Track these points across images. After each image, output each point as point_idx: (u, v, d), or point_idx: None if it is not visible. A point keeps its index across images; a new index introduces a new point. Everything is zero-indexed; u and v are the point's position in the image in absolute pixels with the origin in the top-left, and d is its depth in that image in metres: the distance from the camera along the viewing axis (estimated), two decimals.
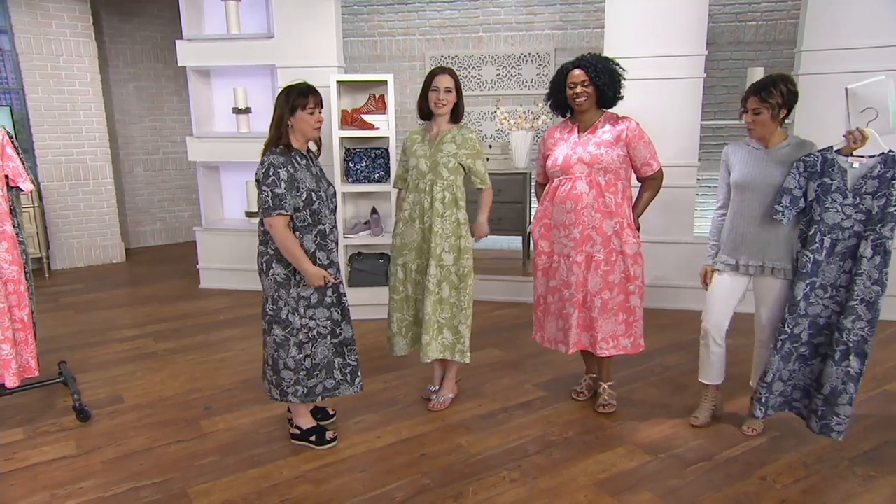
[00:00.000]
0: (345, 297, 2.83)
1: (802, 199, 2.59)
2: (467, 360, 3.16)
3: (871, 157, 2.46)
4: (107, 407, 3.29)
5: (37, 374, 3.04)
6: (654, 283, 4.64)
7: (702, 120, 4.60)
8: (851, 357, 2.52)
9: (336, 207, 2.82)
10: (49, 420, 3.14)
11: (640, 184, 3.04)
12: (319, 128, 2.68)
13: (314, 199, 2.62)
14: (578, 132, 2.96)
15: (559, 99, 3.00)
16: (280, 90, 2.69)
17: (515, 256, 5.67)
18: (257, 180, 2.58)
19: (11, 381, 2.88)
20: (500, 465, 2.69)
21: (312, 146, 2.81)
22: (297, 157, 2.64)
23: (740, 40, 5.75)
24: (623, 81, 2.94)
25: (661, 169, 3.00)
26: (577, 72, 2.88)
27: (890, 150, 2.45)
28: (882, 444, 2.80)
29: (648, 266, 4.49)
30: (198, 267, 5.63)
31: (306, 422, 2.89)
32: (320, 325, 2.74)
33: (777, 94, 2.58)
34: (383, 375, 3.64)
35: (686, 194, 4.57)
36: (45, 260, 6.08)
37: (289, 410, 3.01)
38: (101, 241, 6.57)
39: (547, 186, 3.08)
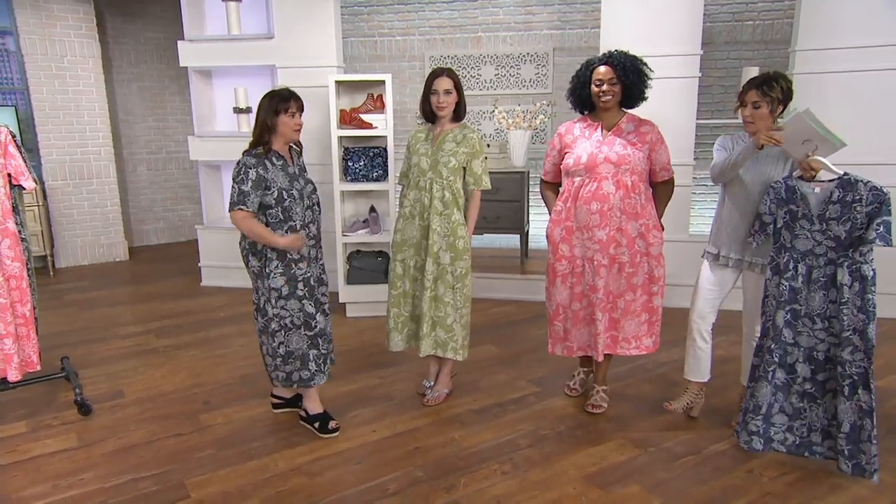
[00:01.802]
0: (318, 289, 2.92)
1: (771, 226, 2.58)
2: (460, 358, 3.20)
3: (829, 181, 2.45)
4: (108, 401, 3.35)
5: (38, 368, 3.10)
6: None
7: (698, 119, 4.64)
8: (860, 391, 2.41)
9: (316, 204, 2.94)
10: (51, 414, 3.21)
11: (652, 188, 3.01)
12: (299, 131, 2.82)
13: (285, 197, 2.75)
14: (602, 131, 2.92)
15: (582, 95, 2.94)
16: (263, 96, 2.80)
17: (513, 255, 5.71)
18: (232, 178, 2.75)
19: (13, 376, 2.95)
20: (492, 458, 2.74)
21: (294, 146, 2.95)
22: (274, 159, 2.77)
23: (737, 40, 5.78)
24: (649, 82, 2.89)
25: (673, 175, 3.00)
26: (603, 69, 2.82)
27: (845, 174, 2.42)
28: None
29: None
30: (199, 265, 5.70)
31: (313, 406, 2.99)
32: (294, 315, 2.83)
33: (777, 88, 2.59)
34: (380, 371, 3.70)
35: (682, 193, 4.57)
36: (49, 258, 6.15)
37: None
38: (104, 239, 6.65)
39: (565, 187, 2.99)
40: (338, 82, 4.56)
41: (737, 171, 2.70)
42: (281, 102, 2.72)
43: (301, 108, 2.80)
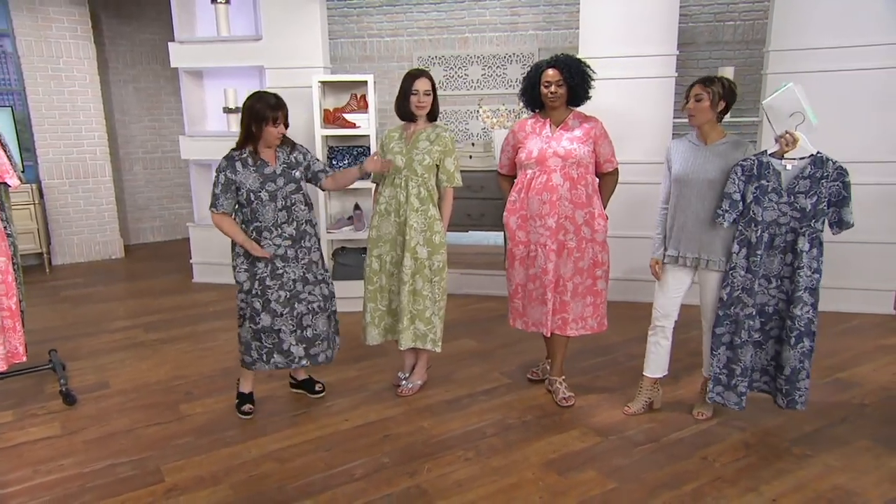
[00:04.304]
0: (272, 289, 3.00)
1: (741, 203, 2.73)
2: (439, 350, 3.29)
3: (801, 159, 2.64)
4: (93, 392, 3.47)
5: (24, 359, 3.21)
6: (626, 276, 4.77)
7: (676, 118, 4.71)
8: (804, 339, 2.73)
9: (296, 204, 2.99)
10: (38, 404, 3.33)
11: (598, 178, 3.19)
12: (280, 138, 2.94)
13: (253, 199, 2.90)
14: (550, 127, 3.11)
15: (533, 95, 3.14)
16: (251, 95, 2.89)
17: (497, 251, 5.80)
18: None
19: None
20: (457, 446, 2.84)
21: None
22: (249, 160, 2.91)
23: (719, 40, 5.85)
24: (592, 83, 3.10)
25: (618, 166, 3.18)
26: (551, 71, 3.03)
27: (818, 152, 2.62)
28: (824, 427, 2.93)
29: (622, 260, 4.65)
30: (191, 262, 5.82)
31: (243, 386, 3.23)
32: (250, 307, 3.03)
33: (718, 84, 2.75)
34: (358, 364, 3.80)
35: (658, 190, 4.68)
36: (45, 255, 6.28)
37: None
38: (100, 237, 6.78)
39: (518, 179, 3.19)
40: (323, 83, 4.66)
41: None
42: (268, 111, 2.81)
43: (286, 116, 2.88)
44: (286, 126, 2.92)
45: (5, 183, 3.07)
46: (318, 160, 3.17)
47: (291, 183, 2.98)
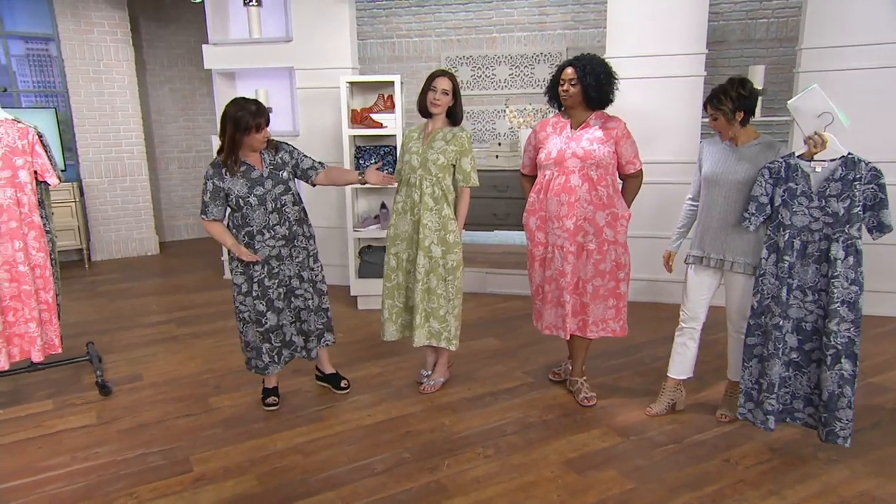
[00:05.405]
0: (271, 288, 3.07)
1: (769, 206, 2.66)
2: (453, 348, 3.32)
3: (831, 160, 2.54)
4: (127, 384, 3.59)
5: (60, 351, 3.35)
6: (653, 277, 4.73)
7: (704, 118, 4.65)
8: (843, 360, 2.53)
9: (286, 205, 3.04)
10: (76, 394, 3.46)
11: (622, 181, 3.18)
12: (265, 142, 2.97)
13: (242, 204, 2.97)
14: (571, 128, 3.09)
15: (556, 93, 3.13)
16: (230, 103, 2.91)
17: (522, 251, 5.79)
18: None
19: (36, 357, 3.20)
20: (477, 443, 2.87)
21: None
22: (235, 166, 2.93)
23: (751, 37, 5.76)
24: (614, 85, 3.04)
25: (641, 168, 3.14)
26: (568, 69, 3.02)
27: (849, 153, 2.52)
28: (853, 431, 2.86)
29: (648, 261, 4.61)
30: (222, 259, 5.96)
31: (267, 381, 3.33)
32: (249, 311, 3.09)
33: (727, 100, 2.70)
34: (381, 361, 3.85)
35: (686, 190, 4.62)
36: (85, 251, 6.50)
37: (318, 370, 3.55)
38: (136, 234, 6.99)
39: (538, 179, 3.20)
40: (351, 83, 4.73)
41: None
42: (251, 119, 2.83)
43: (268, 121, 2.91)
44: (267, 124, 2.94)
45: (46, 182, 3.20)
46: (306, 157, 3.15)
47: (280, 185, 3.02)
